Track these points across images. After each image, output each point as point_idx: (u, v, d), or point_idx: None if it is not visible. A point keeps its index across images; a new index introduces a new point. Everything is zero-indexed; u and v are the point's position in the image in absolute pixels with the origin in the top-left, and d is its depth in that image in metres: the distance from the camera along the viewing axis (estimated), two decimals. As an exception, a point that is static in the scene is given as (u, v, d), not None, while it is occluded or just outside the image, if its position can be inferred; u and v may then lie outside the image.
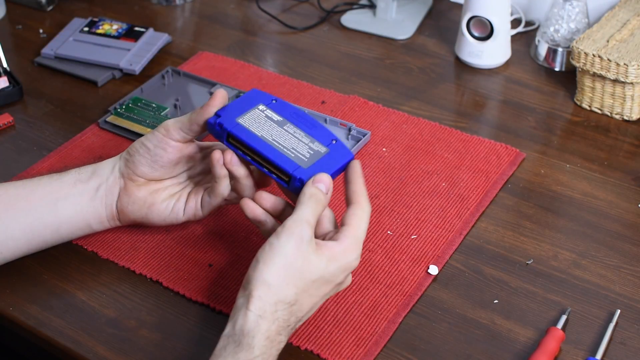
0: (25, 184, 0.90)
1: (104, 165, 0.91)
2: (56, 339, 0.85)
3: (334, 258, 0.77)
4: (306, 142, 0.85)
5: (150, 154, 0.88)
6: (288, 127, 0.86)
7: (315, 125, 0.87)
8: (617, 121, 1.14)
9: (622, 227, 0.97)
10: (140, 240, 0.94)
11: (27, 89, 1.20)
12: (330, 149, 0.85)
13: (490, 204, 1.00)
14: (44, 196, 0.89)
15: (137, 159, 0.89)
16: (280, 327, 0.75)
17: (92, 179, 0.90)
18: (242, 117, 0.86)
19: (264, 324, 0.74)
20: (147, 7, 1.41)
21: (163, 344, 0.84)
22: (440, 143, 1.09)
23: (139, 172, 0.89)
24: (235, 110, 0.87)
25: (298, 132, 0.86)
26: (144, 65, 1.23)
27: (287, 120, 0.87)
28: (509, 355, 0.83)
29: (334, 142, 0.85)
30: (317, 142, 0.85)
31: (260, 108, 0.87)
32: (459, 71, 1.25)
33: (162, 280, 0.90)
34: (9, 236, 0.88)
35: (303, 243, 0.76)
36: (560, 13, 1.21)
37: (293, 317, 0.76)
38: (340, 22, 1.36)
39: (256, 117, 0.87)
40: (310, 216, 0.77)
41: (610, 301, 0.88)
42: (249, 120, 0.86)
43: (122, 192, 0.90)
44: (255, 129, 0.85)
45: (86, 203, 0.89)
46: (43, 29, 1.34)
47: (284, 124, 0.86)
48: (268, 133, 0.85)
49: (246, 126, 0.85)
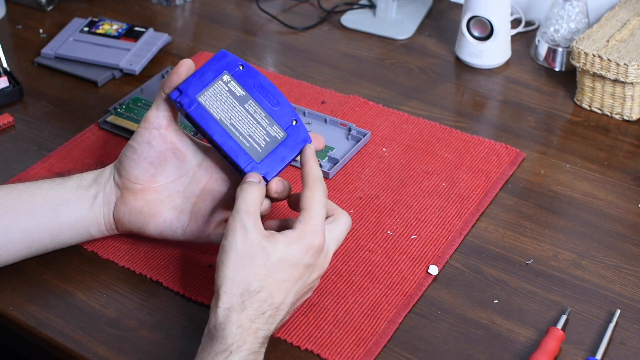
0: (28, 187, 0.89)
1: (102, 173, 0.90)
2: (56, 339, 0.85)
3: (291, 241, 0.79)
4: (264, 126, 0.85)
5: (137, 153, 0.87)
6: (249, 105, 0.85)
7: (279, 100, 0.86)
8: (617, 121, 1.14)
9: (622, 227, 0.97)
10: (140, 240, 0.94)
11: (27, 89, 1.20)
12: (288, 134, 0.85)
13: (490, 204, 1.00)
14: (46, 201, 0.88)
15: (127, 163, 0.88)
16: (253, 315, 0.76)
17: (92, 186, 0.89)
18: (204, 93, 0.85)
19: (233, 315, 0.75)
20: (147, 7, 1.41)
21: (163, 344, 0.84)
22: (440, 143, 1.09)
23: (131, 178, 0.88)
24: (198, 82, 0.85)
25: (258, 112, 0.85)
26: (144, 65, 1.23)
27: (250, 96, 0.86)
28: (509, 355, 0.83)
29: (294, 122, 0.85)
30: (276, 125, 0.85)
31: (224, 79, 0.86)
32: (459, 71, 1.25)
33: (162, 280, 0.90)
34: (9, 240, 0.88)
35: (248, 232, 0.78)
36: (560, 13, 1.21)
37: (266, 304, 0.77)
38: (340, 22, 1.36)
39: (218, 92, 0.85)
40: (247, 206, 0.79)
41: (610, 301, 0.88)
42: (210, 98, 0.85)
43: (119, 201, 0.89)
44: (214, 110, 0.84)
45: (86, 210, 0.89)
46: (43, 29, 1.34)
47: (246, 100, 0.85)
48: (227, 115, 0.85)
49: (206, 106, 0.84)
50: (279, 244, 0.78)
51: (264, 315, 0.77)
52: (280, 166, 0.85)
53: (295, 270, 0.79)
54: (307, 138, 0.86)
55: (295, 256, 0.79)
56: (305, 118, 1.12)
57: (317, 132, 1.09)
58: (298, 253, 0.79)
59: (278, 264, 0.78)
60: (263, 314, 0.77)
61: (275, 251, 0.78)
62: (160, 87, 0.87)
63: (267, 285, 0.77)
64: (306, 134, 0.86)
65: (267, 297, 0.77)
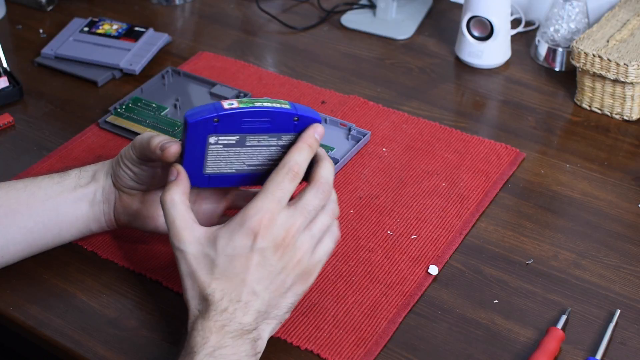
0: (26, 186, 0.89)
1: (101, 169, 0.90)
2: (56, 339, 0.85)
3: (231, 231, 0.76)
4: (275, 143, 0.81)
5: (119, 165, 0.87)
6: (249, 140, 0.81)
7: (270, 113, 0.79)
8: (617, 121, 1.14)
9: (622, 227, 0.97)
10: (140, 240, 0.94)
11: (27, 89, 1.20)
12: (299, 132, 0.81)
13: (490, 204, 1.00)
14: (45, 200, 0.88)
15: (122, 174, 0.87)
16: (214, 315, 0.75)
17: (91, 183, 0.89)
18: (206, 165, 0.82)
19: (198, 322, 0.76)
20: (147, 7, 1.41)
21: (163, 344, 0.84)
22: (440, 143, 1.09)
23: (127, 187, 0.88)
24: (194, 161, 0.81)
25: (262, 138, 0.81)
26: (144, 65, 1.23)
27: (243, 134, 0.80)
28: (509, 355, 0.83)
29: (296, 119, 0.80)
30: (284, 135, 0.81)
31: (211, 142, 0.80)
32: (459, 71, 1.25)
33: (162, 280, 0.90)
34: (10, 240, 0.87)
35: (185, 253, 0.77)
36: (560, 13, 1.21)
37: (225, 301, 0.76)
38: (340, 22, 1.36)
39: (216, 155, 0.81)
40: (175, 227, 0.78)
41: (610, 301, 0.88)
42: (214, 164, 0.82)
43: (117, 201, 0.89)
44: (225, 167, 0.82)
45: (86, 208, 0.89)
46: (43, 29, 1.34)
47: (244, 139, 0.80)
48: (239, 162, 0.82)
49: (217, 172, 0.82)
50: (219, 242, 0.76)
51: (227, 311, 0.76)
52: None
53: (247, 259, 0.76)
54: (316, 117, 0.81)
55: (239, 247, 0.76)
56: (305, 118, 1.11)
57: (317, 132, 1.09)
58: (240, 242, 0.76)
59: (225, 263, 0.76)
60: (225, 311, 0.76)
61: (218, 253, 0.76)
62: (166, 157, 0.82)
63: (219, 285, 0.76)
64: (313, 116, 0.81)
65: (223, 295, 0.76)
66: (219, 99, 1.15)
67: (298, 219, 0.78)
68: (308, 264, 0.79)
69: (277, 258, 0.77)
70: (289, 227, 0.77)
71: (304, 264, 0.79)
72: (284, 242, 0.77)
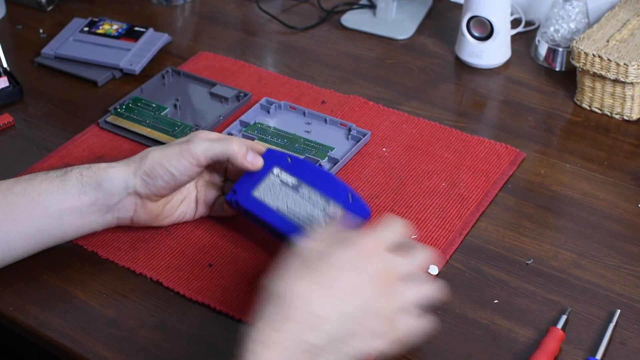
0: (25, 191, 0.86)
1: (112, 179, 0.87)
2: (56, 339, 0.85)
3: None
4: (322, 207, 0.87)
5: (175, 180, 0.88)
6: (303, 189, 0.88)
7: (330, 181, 0.89)
8: (617, 121, 1.14)
9: (622, 227, 0.97)
10: (140, 240, 0.94)
11: (27, 89, 1.20)
12: (347, 209, 0.87)
13: (490, 204, 1.00)
14: (47, 207, 0.86)
15: (160, 184, 0.87)
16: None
17: (99, 192, 0.87)
18: (257, 188, 0.89)
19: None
20: (147, 7, 1.41)
21: (163, 344, 0.84)
22: (440, 143, 1.09)
23: (159, 194, 0.89)
24: (251, 180, 0.90)
25: (313, 194, 0.88)
26: (144, 65, 1.23)
27: (302, 181, 0.89)
28: (509, 355, 0.83)
29: (350, 198, 0.87)
30: (333, 203, 0.87)
31: (275, 172, 0.90)
32: (459, 71, 1.25)
33: (162, 280, 0.90)
34: (11, 246, 0.87)
35: None
36: (560, 13, 1.21)
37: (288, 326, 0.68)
38: (340, 22, 1.36)
39: (271, 185, 0.89)
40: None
41: (610, 301, 0.88)
42: (264, 191, 0.89)
43: (138, 207, 0.89)
44: (270, 200, 0.89)
45: (96, 217, 0.88)
46: (43, 29, 1.34)
47: (299, 186, 0.89)
48: (283, 203, 0.88)
49: (262, 199, 0.89)
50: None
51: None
52: None
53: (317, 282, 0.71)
54: (365, 209, 0.87)
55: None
56: (305, 118, 1.12)
57: (317, 132, 1.09)
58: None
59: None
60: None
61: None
62: (232, 151, 0.87)
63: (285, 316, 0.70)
64: (363, 206, 0.87)
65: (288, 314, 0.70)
66: (219, 99, 1.16)
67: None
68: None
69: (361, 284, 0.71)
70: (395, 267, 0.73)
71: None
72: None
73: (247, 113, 1.11)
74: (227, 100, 1.15)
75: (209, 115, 1.13)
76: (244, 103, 1.15)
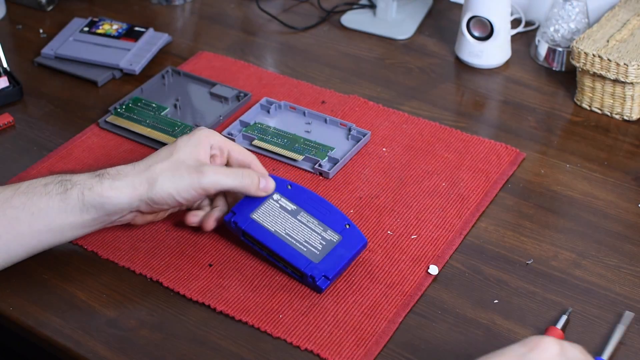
0: (24, 205, 0.85)
1: (115, 203, 0.86)
2: (56, 339, 0.85)
3: None
4: (319, 232, 0.89)
5: (181, 206, 0.92)
6: (302, 216, 0.90)
7: (329, 208, 0.91)
8: (617, 121, 1.14)
9: (622, 227, 0.97)
10: (140, 240, 0.94)
11: (27, 89, 1.20)
12: (343, 236, 0.89)
13: (490, 204, 1.00)
14: (48, 223, 0.86)
15: (165, 207, 0.90)
16: None
17: (101, 212, 0.87)
18: (256, 211, 0.91)
19: None
20: (147, 7, 1.41)
21: (163, 344, 0.84)
22: (440, 143, 1.09)
23: (161, 211, 0.92)
24: (250, 204, 0.91)
25: (311, 221, 0.90)
26: (144, 65, 1.23)
27: (301, 208, 0.91)
28: (509, 355, 0.83)
29: (347, 226, 0.89)
30: (330, 230, 0.89)
31: (274, 198, 0.92)
32: (459, 71, 1.25)
33: (162, 280, 0.90)
34: (12, 256, 0.87)
35: None
36: (560, 13, 1.21)
37: None
38: (340, 22, 1.36)
39: (270, 209, 0.91)
40: None
41: (610, 301, 0.88)
42: (263, 215, 0.91)
43: (137, 217, 0.92)
44: (269, 224, 0.90)
45: (96, 228, 0.90)
46: (43, 29, 1.34)
47: (298, 213, 0.91)
48: (281, 227, 0.90)
49: (260, 222, 0.90)
50: None
51: None
52: (338, 265, 0.87)
53: None
54: (363, 238, 0.89)
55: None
56: (305, 118, 1.12)
57: (317, 132, 1.09)
58: None
59: None
60: None
61: None
62: (244, 184, 0.89)
63: None
64: (361, 235, 0.89)
65: None
66: (219, 99, 1.16)
67: None
68: None
69: None
70: None
71: None
72: None
73: (247, 113, 1.11)
74: (227, 100, 1.15)
75: (209, 115, 1.13)
76: (244, 103, 1.15)
